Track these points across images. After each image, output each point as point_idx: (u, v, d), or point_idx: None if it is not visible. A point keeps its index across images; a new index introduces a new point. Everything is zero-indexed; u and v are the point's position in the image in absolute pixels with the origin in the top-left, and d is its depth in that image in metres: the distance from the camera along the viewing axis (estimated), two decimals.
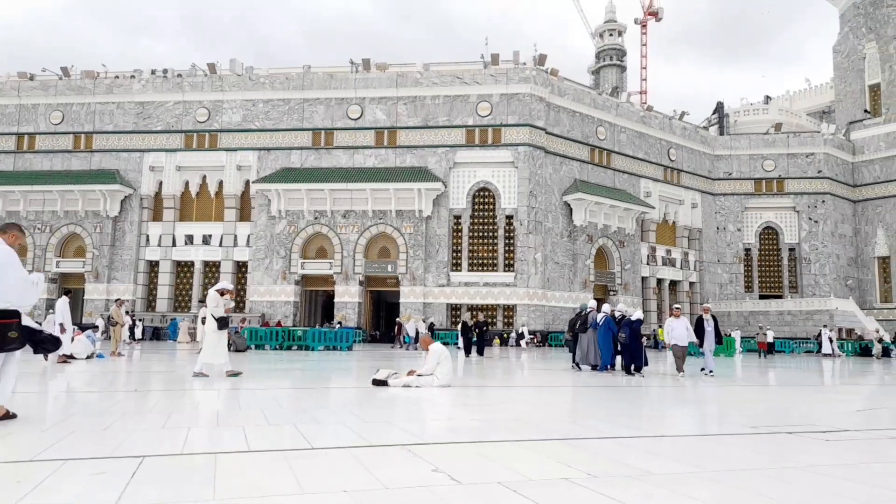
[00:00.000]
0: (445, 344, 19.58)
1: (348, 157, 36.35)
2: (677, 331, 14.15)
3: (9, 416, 5.42)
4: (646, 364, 14.54)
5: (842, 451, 5.05)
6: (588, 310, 16.14)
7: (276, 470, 3.93)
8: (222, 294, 11.07)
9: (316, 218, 35.93)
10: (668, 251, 43.66)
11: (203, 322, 21.60)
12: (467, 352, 21.15)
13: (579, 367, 15.47)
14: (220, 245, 37.20)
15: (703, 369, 14.66)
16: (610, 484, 3.69)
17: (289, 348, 23.63)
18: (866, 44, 49.68)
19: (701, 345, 14.98)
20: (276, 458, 4.30)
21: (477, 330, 21.64)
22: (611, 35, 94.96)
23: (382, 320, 41.06)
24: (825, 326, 34.48)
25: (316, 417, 6.31)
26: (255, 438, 5.03)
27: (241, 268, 37.26)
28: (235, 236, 37.18)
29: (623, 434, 5.76)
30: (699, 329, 14.92)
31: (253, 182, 36.15)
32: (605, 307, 16.47)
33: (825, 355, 30.77)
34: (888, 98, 48.12)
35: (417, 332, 27.68)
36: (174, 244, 37.56)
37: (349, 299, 34.82)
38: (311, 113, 36.81)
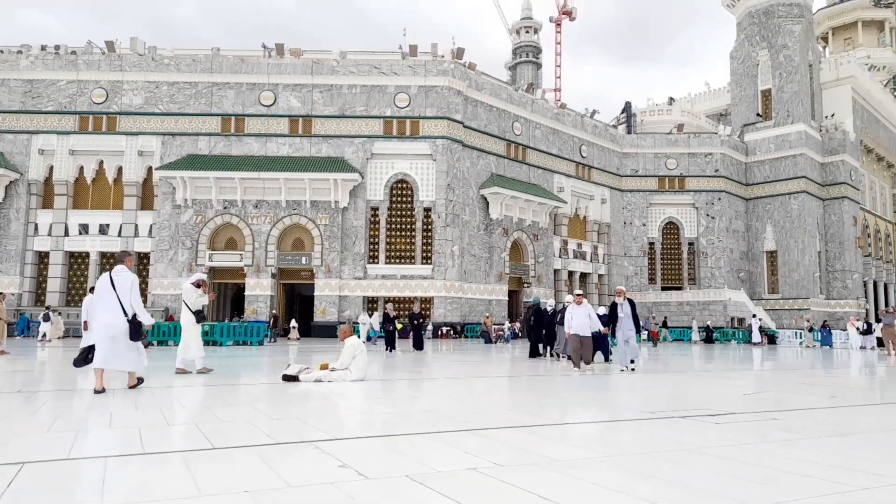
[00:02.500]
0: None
1: (261, 144, 35.13)
2: (577, 319, 12.63)
3: None
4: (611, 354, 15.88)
5: (729, 432, 5.40)
6: (559, 304, 18.06)
7: (173, 472, 3.73)
8: (198, 286, 10.85)
9: (225, 208, 34.52)
10: (579, 244, 45.30)
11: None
12: (390, 345, 19.84)
13: (558, 357, 16.28)
14: (119, 235, 34.99)
15: (623, 368, 12.66)
16: (515, 472, 3.76)
17: None
18: (760, 51, 53.45)
19: (614, 333, 13.10)
20: (174, 460, 4.09)
21: (414, 322, 20.73)
22: (527, 32, 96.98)
23: (296, 314, 40.10)
24: (754, 316, 36.74)
25: (219, 416, 6.05)
26: (152, 440, 4.75)
27: (142, 259, 35.22)
28: (136, 226, 35.08)
29: (531, 423, 5.90)
30: (613, 315, 13.10)
31: (156, 169, 34.20)
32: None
33: (754, 344, 32.67)
34: (778, 103, 52.05)
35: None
36: (67, 234, 34.97)
37: (261, 292, 33.75)
38: (221, 98, 35.25)
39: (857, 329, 29.56)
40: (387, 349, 19.68)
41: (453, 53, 36.92)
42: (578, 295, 13.14)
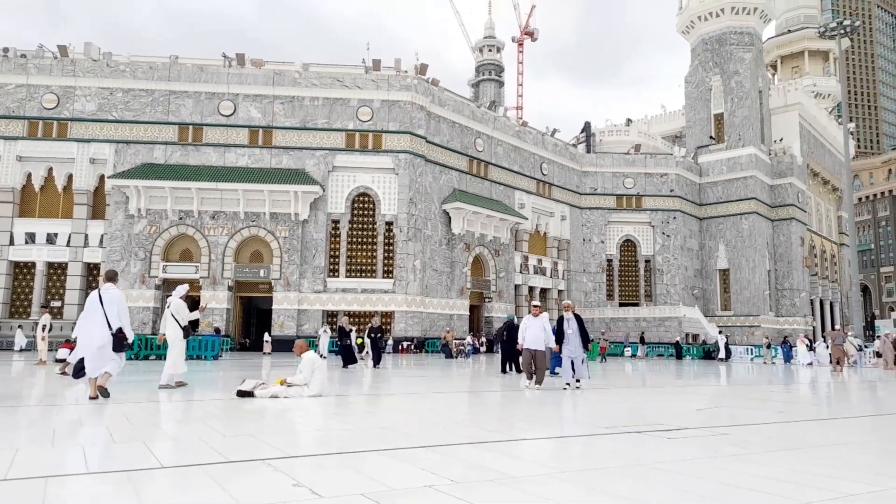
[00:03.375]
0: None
1: (219, 154, 34.50)
2: (531, 331, 11.91)
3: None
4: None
5: (683, 447, 5.50)
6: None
7: (118, 492, 3.58)
8: (186, 299, 10.91)
9: (181, 218, 33.69)
10: (540, 260, 45.79)
11: (45, 329, 19.51)
12: (346, 360, 18.92)
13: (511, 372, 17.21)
14: (68, 245, 33.76)
15: (567, 384, 11.86)
16: (472, 489, 3.74)
17: (146, 358, 21.88)
18: (713, 77, 55.39)
19: (560, 350, 12.21)
20: (119, 480, 3.92)
21: (372, 336, 19.86)
22: (490, 51, 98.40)
23: (253, 327, 39.30)
24: (720, 332, 37.51)
25: (169, 433, 5.85)
26: (97, 459, 4.56)
27: (91, 270, 34.04)
28: (86, 236, 33.92)
29: (489, 439, 5.89)
30: (559, 331, 12.23)
31: (109, 177, 33.20)
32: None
33: (720, 359, 33.30)
34: (730, 127, 53.93)
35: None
36: (12, 243, 33.56)
37: (217, 305, 32.94)
38: (178, 106, 34.53)
39: (806, 346, 30.64)
40: (343, 366, 18.76)
41: (417, 69, 37.13)
42: (536, 307, 12.50)
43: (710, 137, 54.53)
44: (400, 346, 33.46)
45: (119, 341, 8.49)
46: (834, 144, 65.56)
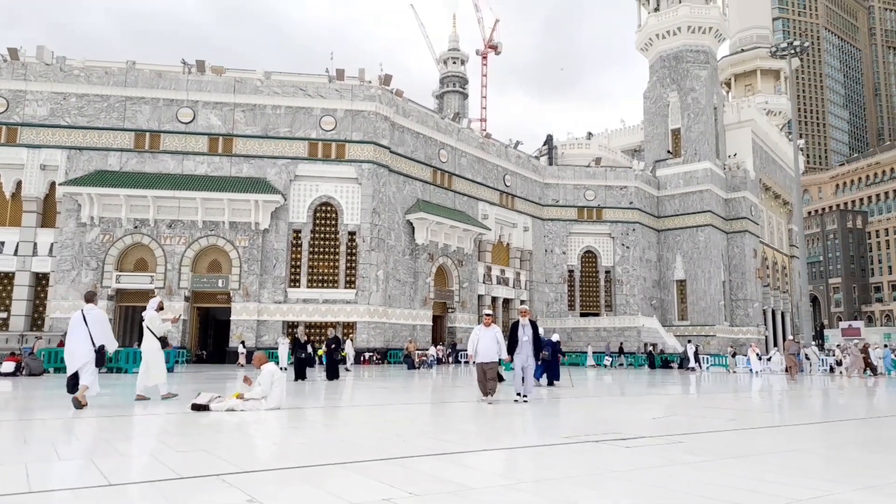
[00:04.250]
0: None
1: (177, 162, 33.74)
2: (484, 343, 11.01)
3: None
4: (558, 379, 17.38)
5: (639, 456, 5.58)
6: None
7: None
8: (160, 310, 10.99)
9: (136, 227, 32.76)
10: (503, 271, 46.09)
11: None
12: (299, 374, 17.89)
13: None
14: (16, 254, 32.46)
15: (518, 395, 11.17)
16: (430, 502, 3.71)
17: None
18: (670, 93, 56.94)
19: (512, 359, 11.35)
20: (65, 499, 3.77)
21: (329, 348, 18.79)
22: (454, 63, 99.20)
23: (211, 339, 38.38)
24: (689, 342, 38.06)
25: (119, 449, 5.66)
26: (40, 477, 4.37)
27: (40, 280, 32.77)
28: (35, 244, 32.66)
29: (449, 450, 5.87)
30: (513, 338, 11.36)
31: (60, 184, 32.09)
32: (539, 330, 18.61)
33: (689, 369, 33.51)
34: (686, 142, 55.45)
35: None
36: None
37: (172, 316, 32.05)
38: (135, 112, 33.68)
39: (757, 355, 31.49)
40: (295, 378, 17.60)
41: (381, 79, 37.12)
42: (488, 316, 11.44)
43: (668, 152, 55.95)
44: (362, 357, 33.15)
45: (101, 357, 9.51)
46: (785, 160, 68.02)
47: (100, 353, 9.51)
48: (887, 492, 4.26)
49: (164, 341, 10.90)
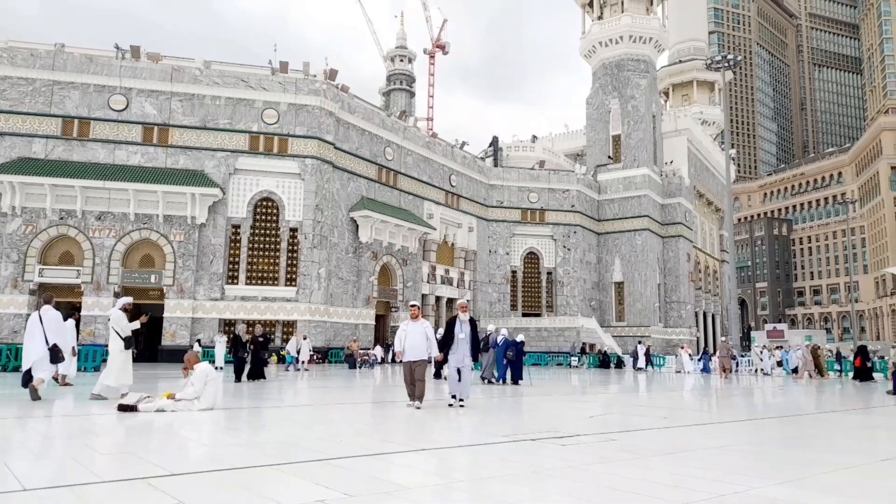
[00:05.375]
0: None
1: (108, 151, 32.20)
2: (411, 339, 9.93)
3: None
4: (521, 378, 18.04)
5: (574, 454, 5.68)
6: (488, 333, 18.82)
7: None
8: (126, 311, 10.72)
9: (62, 218, 31.08)
10: (447, 270, 46.23)
11: None
12: (238, 375, 17.01)
13: (488, 381, 17.86)
14: None
15: (453, 398, 10.25)
16: (364, 502, 3.66)
17: (15, 369, 19.94)
18: (612, 100, 58.51)
19: (445, 359, 10.53)
20: None
21: (252, 347, 17.59)
22: (401, 61, 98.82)
23: (142, 336, 36.83)
24: (640, 343, 38.86)
25: (35, 451, 5.34)
26: None
27: None
28: None
29: (386, 450, 5.82)
30: (448, 335, 10.42)
31: None
32: (504, 331, 19.11)
33: (639, 369, 34.16)
34: (626, 148, 57.10)
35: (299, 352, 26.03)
36: None
37: (100, 312, 30.57)
38: (63, 98, 31.93)
39: (689, 355, 32.73)
40: (237, 379, 16.74)
41: (326, 74, 36.55)
42: (414, 307, 10.28)
43: (609, 157, 57.46)
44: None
45: (54, 354, 10.12)
46: (717, 168, 71.05)
47: (53, 350, 10.08)
48: (803, 485, 4.48)
49: (129, 342, 10.55)
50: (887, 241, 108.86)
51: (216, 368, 22.75)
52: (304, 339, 27.61)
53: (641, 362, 34.69)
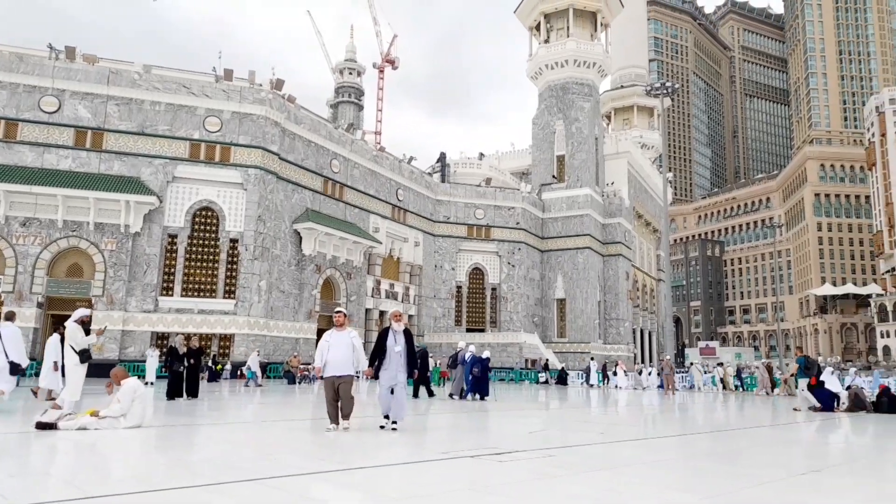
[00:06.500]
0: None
1: (37, 155, 30.60)
2: (335, 351, 8.79)
3: None
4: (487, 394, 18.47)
5: (512, 470, 5.69)
6: (458, 349, 19.52)
7: None
8: (83, 323, 10.20)
9: None
10: (392, 285, 45.95)
11: None
12: (171, 392, 15.74)
13: (456, 397, 18.46)
14: None
15: (386, 419, 9.03)
16: None
17: None
18: (556, 121, 59.98)
19: (376, 374, 9.18)
20: None
21: (190, 361, 16.28)
22: (350, 73, 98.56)
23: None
24: (592, 359, 39.08)
25: None
26: None
27: None
28: None
29: (321, 469, 5.67)
30: (380, 347, 9.18)
31: None
32: (472, 348, 19.35)
33: (591, 385, 34.25)
34: (570, 168, 58.53)
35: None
36: None
37: (22, 324, 28.80)
38: None
39: (624, 371, 33.53)
40: (168, 396, 15.58)
41: (272, 83, 36.01)
42: (339, 314, 9.16)
43: (553, 177, 58.74)
44: (239, 371, 31.59)
45: (14, 367, 10.59)
46: (655, 191, 73.70)
47: (12, 364, 10.56)
48: (730, 499, 4.61)
49: (85, 355, 10.04)
50: (811, 264, 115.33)
51: (146, 384, 21.87)
52: (257, 353, 27.57)
53: (594, 378, 34.88)
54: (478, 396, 18.43)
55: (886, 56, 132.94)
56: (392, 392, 9.00)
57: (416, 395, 18.56)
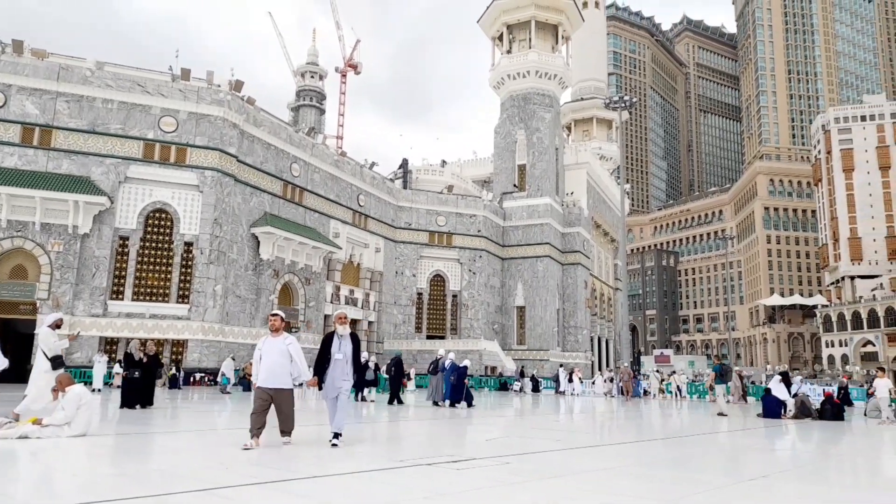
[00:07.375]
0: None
1: None
2: (269, 359, 7.84)
3: None
4: (470, 400, 19.17)
5: (469, 478, 5.67)
6: (438, 356, 20.10)
7: None
8: (57, 327, 9.83)
9: None
10: (352, 291, 45.52)
11: None
12: (127, 400, 14.78)
13: (442, 404, 18.86)
14: None
15: (336, 435, 8.06)
16: None
17: None
18: (518, 131, 60.60)
19: (320, 383, 8.19)
20: None
21: (145, 366, 15.35)
22: (312, 77, 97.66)
23: (9, 355, 33.34)
24: (562, 367, 39.18)
25: None
26: None
27: None
28: None
29: (277, 478, 5.54)
30: (323, 353, 8.19)
31: None
32: (451, 355, 19.78)
33: (560, 392, 34.40)
34: (531, 177, 59.19)
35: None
36: None
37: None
38: None
39: (580, 378, 34.06)
40: (122, 404, 14.75)
41: (231, 84, 35.35)
42: (274, 316, 8.13)
43: (514, 185, 59.30)
44: (192, 378, 30.77)
45: None
46: (613, 201, 75.20)
47: None
48: None
49: (58, 361, 9.74)
50: (760, 276, 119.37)
51: (93, 391, 21.07)
52: (232, 359, 27.46)
53: (563, 386, 35.14)
54: (464, 404, 19.04)
55: (832, 77, 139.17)
56: (336, 401, 8.12)
57: (391, 402, 19.32)
